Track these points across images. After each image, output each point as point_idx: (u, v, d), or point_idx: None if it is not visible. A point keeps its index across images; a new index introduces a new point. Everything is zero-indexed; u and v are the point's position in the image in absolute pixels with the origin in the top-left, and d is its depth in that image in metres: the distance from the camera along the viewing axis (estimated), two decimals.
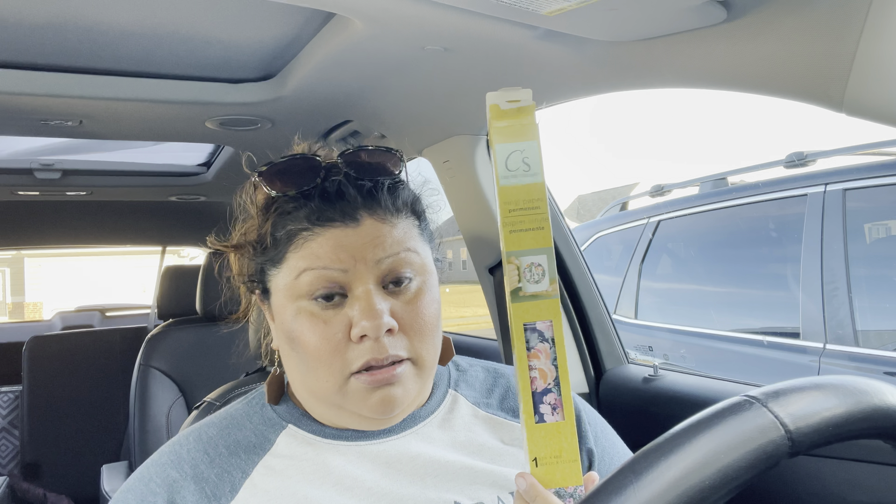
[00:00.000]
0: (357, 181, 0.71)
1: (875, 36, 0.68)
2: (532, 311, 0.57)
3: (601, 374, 1.56)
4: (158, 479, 0.69)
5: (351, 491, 0.68)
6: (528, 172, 0.57)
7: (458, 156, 1.50)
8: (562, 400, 0.56)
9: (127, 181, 2.38)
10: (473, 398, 0.81)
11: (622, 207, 4.34)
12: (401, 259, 0.70)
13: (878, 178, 2.55)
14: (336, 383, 0.68)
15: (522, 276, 0.57)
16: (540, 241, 0.57)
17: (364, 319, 0.66)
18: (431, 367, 0.72)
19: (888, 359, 2.36)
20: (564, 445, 0.56)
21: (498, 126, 0.58)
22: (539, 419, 0.56)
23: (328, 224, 0.69)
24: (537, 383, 0.56)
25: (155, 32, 1.10)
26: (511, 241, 0.57)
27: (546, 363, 0.56)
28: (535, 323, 0.57)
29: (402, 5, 0.85)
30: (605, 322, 1.58)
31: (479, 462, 0.73)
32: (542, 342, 0.56)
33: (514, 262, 0.57)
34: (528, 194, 0.57)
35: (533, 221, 0.57)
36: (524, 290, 0.57)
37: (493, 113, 0.58)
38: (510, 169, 0.57)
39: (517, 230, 0.57)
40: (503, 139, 0.57)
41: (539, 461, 0.56)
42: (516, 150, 0.57)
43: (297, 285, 0.69)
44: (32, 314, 18.76)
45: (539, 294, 0.57)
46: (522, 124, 0.58)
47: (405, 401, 0.70)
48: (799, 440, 0.41)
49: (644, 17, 0.81)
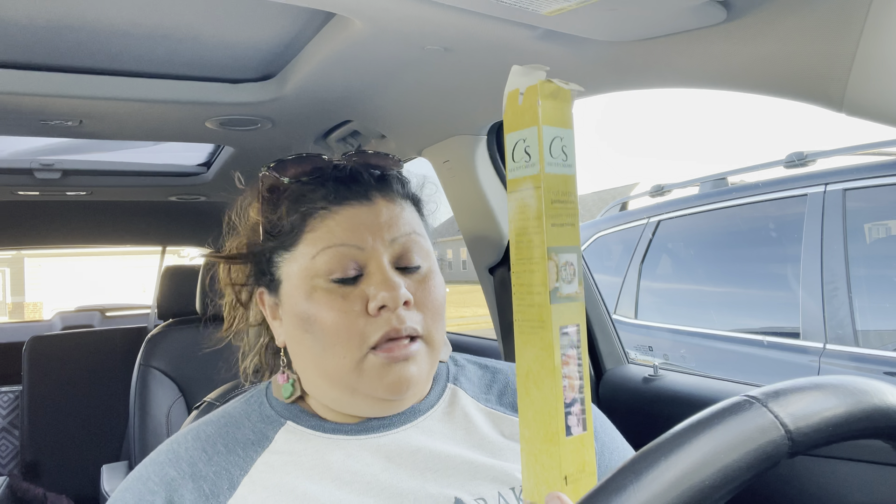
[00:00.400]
0: (368, 167, 0.75)
1: (875, 36, 0.68)
2: (566, 313, 0.51)
3: (601, 374, 1.56)
4: (156, 478, 0.69)
5: (350, 485, 0.68)
6: (565, 162, 0.52)
7: (458, 156, 1.50)
8: (584, 410, 0.52)
9: (127, 181, 2.38)
10: (473, 392, 0.81)
11: (622, 207, 4.34)
12: (412, 240, 0.73)
13: (878, 178, 2.55)
14: (353, 360, 0.69)
15: (560, 274, 0.51)
16: (574, 238, 0.52)
17: (383, 290, 0.68)
18: (438, 348, 0.74)
19: (888, 359, 2.36)
20: (587, 458, 0.52)
21: (547, 105, 0.51)
22: (568, 433, 0.51)
23: (345, 203, 0.72)
24: (567, 393, 0.51)
25: (155, 32, 1.10)
26: (552, 236, 0.51)
27: (574, 370, 0.52)
28: (567, 326, 0.52)
29: (402, 5, 0.85)
30: (605, 322, 1.58)
31: (480, 456, 0.73)
32: (572, 348, 0.52)
33: (554, 258, 0.51)
34: (565, 185, 0.52)
35: (569, 216, 0.52)
36: (561, 290, 0.51)
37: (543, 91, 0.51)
38: (553, 156, 0.51)
39: (557, 224, 0.51)
40: (550, 121, 0.51)
41: (569, 478, 0.51)
42: (558, 136, 0.52)
43: (314, 265, 0.70)
44: (32, 314, 18.76)
45: (572, 295, 0.52)
46: (566, 109, 0.52)
47: (419, 381, 0.70)
48: (799, 440, 0.41)
49: (644, 17, 0.81)
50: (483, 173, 1.51)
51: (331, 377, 0.71)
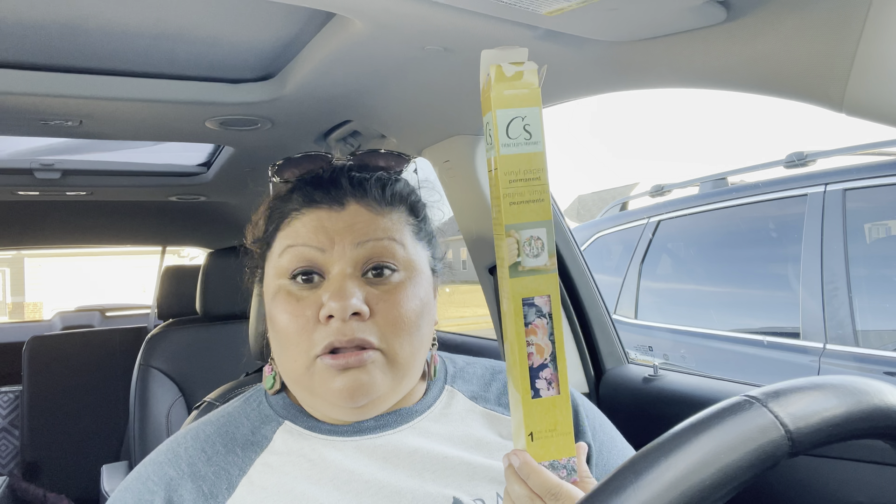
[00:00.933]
0: (349, 172, 0.74)
1: (875, 36, 0.68)
2: (531, 285, 0.55)
3: (601, 374, 1.56)
4: (156, 478, 0.69)
5: (348, 485, 0.68)
6: (529, 141, 0.54)
7: (458, 156, 1.50)
8: (558, 374, 0.55)
9: (127, 181, 2.38)
10: (470, 393, 0.81)
11: (622, 207, 4.34)
12: (382, 246, 0.70)
13: (878, 178, 2.55)
14: (303, 364, 0.68)
15: (522, 249, 0.54)
16: (540, 214, 0.55)
17: (332, 300, 0.66)
18: (406, 364, 0.71)
19: (888, 359, 2.36)
20: (559, 418, 0.56)
21: (500, 90, 0.54)
22: (535, 394, 0.55)
23: (313, 205, 0.72)
24: (534, 359, 0.55)
25: (155, 32, 1.10)
26: (511, 214, 0.54)
27: (543, 339, 0.55)
28: (533, 298, 0.55)
29: (402, 5, 0.85)
30: (605, 322, 1.58)
31: (477, 457, 0.73)
32: (539, 317, 0.55)
33: (514, 235, 0.55)
34: (528, 164, 0.54)
35: (533, 193, 0.54)
36: (523, 264, 0.55)
37: (496, 76, 0.54)
38: (511, 137, 0.54)
39: (517, 202, 0.54)
40: (504, 104, 0.54)
41: (535, 435, 0.55)
42: (517, 117, 0.54)
43: (280, 264, 0.71)
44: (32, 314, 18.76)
45: (538, 269, 0.55)
46: (526, 89, 0.54)
47: (373, 390, 0.68)
48: (799, 440, 0.41)
49: (644, 17, 0.81)
50: (483, 173, 1.51)
51: (290, 378, 0.72)
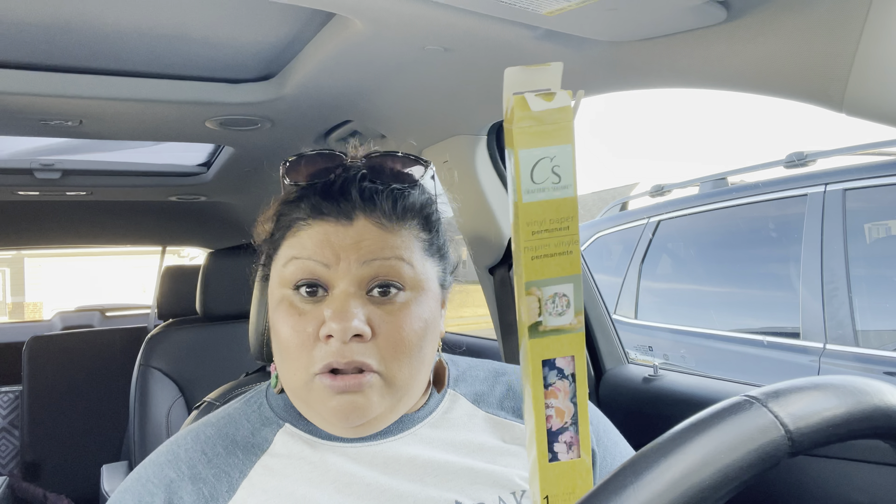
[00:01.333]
0: (361, 182, 0.71)
1: (875, 36, 0.67)
2: (553, 346, 0.49)
3: (601, 374, 1.56)
4: (156, 480, 0.69)
5: (350, 488, 0.68)
6: (558, 185, 0.46)
7: (459, 156, 1.50)
8: (578, 437, 0.50)
9: (127, 181, 2.38)
10: (473, 397, 0.80)
11: (622, 207, 4.34)
12: (389, 265, 0.68)
13: (878, 178, 2.55)
14: (302, 379, 0.68)
15: (544, 308, 0.48)
16: (567, 268, 0.47)
17: (333, 320, 0.65)
18: (404, 387, 0.69)
19: (888, 359, 2.36)
20: (579, 483, 0.51)
21: (523, 126, 0.45)
22: (553, 458, 0.50)
23: (321, 218, 0.69)
24: (553, 422, 0.50)
25: (155, 32, 1.10)
26: (532, 270, 0.47)
27: (564, 401, 0.50)
28: (554, 360, 0.49)
29: (402, 5, 0.85)
30: (605, 322, 1.58)
31: (479, 462, 0.72)
32: (561, 379, 0.49)
33: (536, 292, 0.47)
34: (556, 212, 0.46)
35: (560, 245, 0.47)
36: (546, 323, 0.48)
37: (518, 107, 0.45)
38: (536, 182, 0.46)
39: (540, 255, 0.47)
40: (528, 143, 0.45)
41: (551, 499, 0.51)
42: (545, 158, 0.45)
43: (284, 273, 0.70)
44: (32, 314, 18.75)
45: (561, 328, 0.48)
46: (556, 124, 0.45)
47: (369, 413, 0.67)
48: (799, 440, 0.41)
49: (644, 17, 0.81)
50: (483, 173, 1.51)
51: (290, 389, 0.71)
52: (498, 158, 1.53)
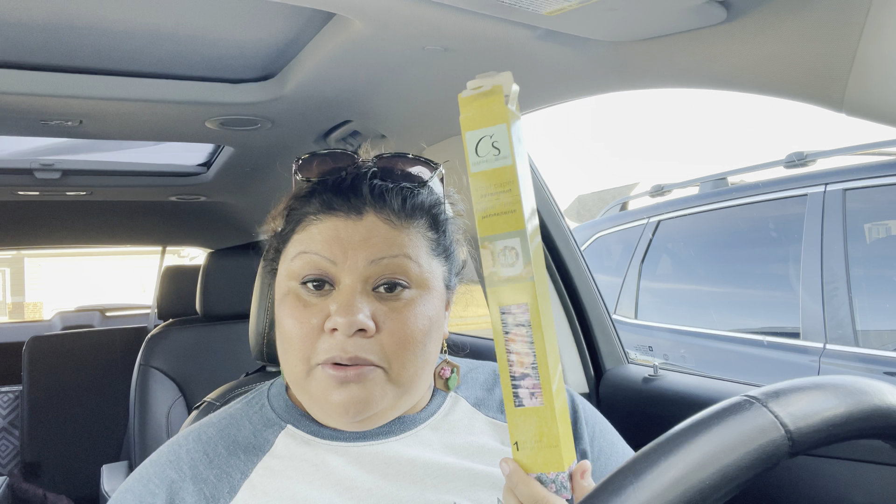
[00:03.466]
0: (372, 180, 0.72)
1: (875, 36, 0.68)
2: (507, 294, 0.56)
3: (601, 374, 1.56)
4: (157, 480, 0.69)
5: (350, 492, 0.68)
6: (498, 156, 0.57)
7: (459, 156, 1.50)
8: (540, 384, 0.56)
9: (127, 181, 2.38)
10: (474, 400, 0.81)
11: (622, 207, 4.34)
12: (396, 263, 0.69)
13: (878, 178, 2.55)
14: (303, 369, 0.68)
15: (496, 260, 0.57)
16: (512, 224, 0.56)
17: (338, 314, 0.66)
18: (408, 382, 0.70)
19: (888, 359, 2.36)
20: (544, 430, 0.56)
21: (464, 115, 0.58)
22: (518, 403, 0.56)
23: (331, 213, 0.71)
24: (515, 367, 0.56)
25: (155, 32, 1.10)
26: (484, 227, 0.57)
27: (522, 347, 0.56)
28: (510, 307, 0.56)
29: (402, 5, 0.85)
30: (605, 322, 1.58)
31: (478, 465, 0.72)
32: (517, 326, 0.56)
33: (488, 246, 0.57)
34: (498, 178, 0.57)
35: (504, 205, 0.57)
36: (498, 273, 0.57)
37: (460, 105, 0.58)
38: (480, 155, 0.57)
39: (489, 215, 0.57)
40: (470, 126, 0.57)
41: (520, 445, 0.56)
42: (485, 136, 0.57)
43: (291, 267, 0.70)
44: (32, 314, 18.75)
45: (513, 278, 0.56)
46: (490, 109, 0.57)
47: (371, 406, 0.67)
48: (799, 440, 0.41)
49: (644, 17, 0.81)
50: None
51: (291, 380, 0.71)
52: None
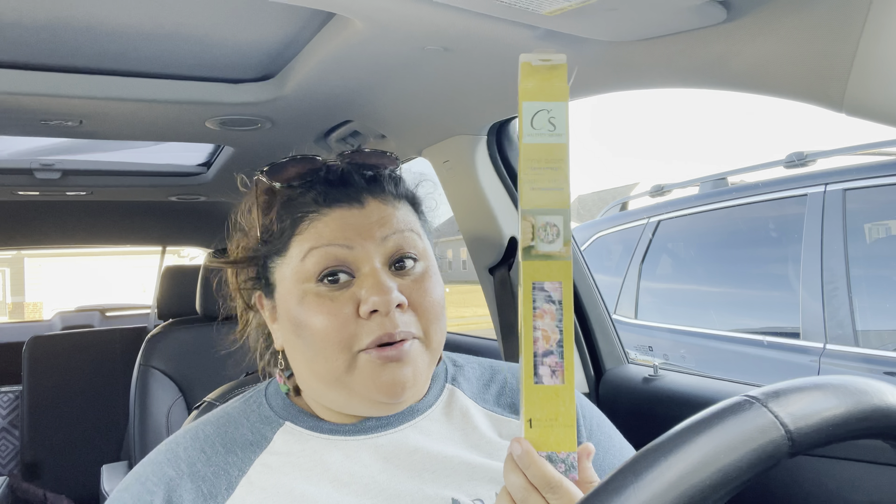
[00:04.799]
0: (360, 169, 0.74)
1: (875, 36, 0.68)
2: (542, 270, 0.56)
3: (601, 374, 1.56)
4: (155, 478, 0.69)
5: (348, 486, 0.68)
6: (553, 133, 0.56)
7: (458, 156, 1.50)
8: (563, 363, 0.56)
9: (127, 181, 2.38)
10: (471, 393, 0.81)
11: (622, 207, 4.34)
12: (405, 238, 0.72)
13: (878, 178, 2.55)
14: (345, 362, 0.68)
15: (537, 234, 0.56)
16: (558, 202, 0.56)
17: (374, 295, 0.66)
18: (438, 348, 0.73)
19: (888, 359, 2.36)
20: (561, 409, 0.56)
21: (525, 85, 0.57)
22: (538, 380, 0.56)
23: (334, 204, 0.71)
24: (539, 344, 0.56)
25: (155, 32, 1.10)
26: (529, 199, 0.56)
27: (551, 324, 0.56)
28: (543, 283, 0.56)
29: (402, 5, 0.85)
30: (605, 322, 1.58)
31: (476, 457, 0.73)
32: (548, 303, 0.56)
33: (530, 219, 0.56)
34: (550, 153, 0.56)
35: (553, 181, 0.56)
36: (537, 248, 0.56)
37: (523, 71, 0.57)
38: (535, 127, 0.56)
39: (537, 188, 0.56)
40: (530, 97, 0.56)
41: (534, 422, 0.56)
42: (543, 110, 0.56)
43: (303, 267, 0.70)
44: (32, 314, 18.76)
45: (552, 254, 0.56)
46: (552, 84, 0.57)
47: (416, 381, 0.69)
48: (799, 440, 0.41)
49: (644, 17, 0.81)
50: (483, 173, 1.51)
51: (325, 380, 0.70)
52: (498, 158, 1.53)
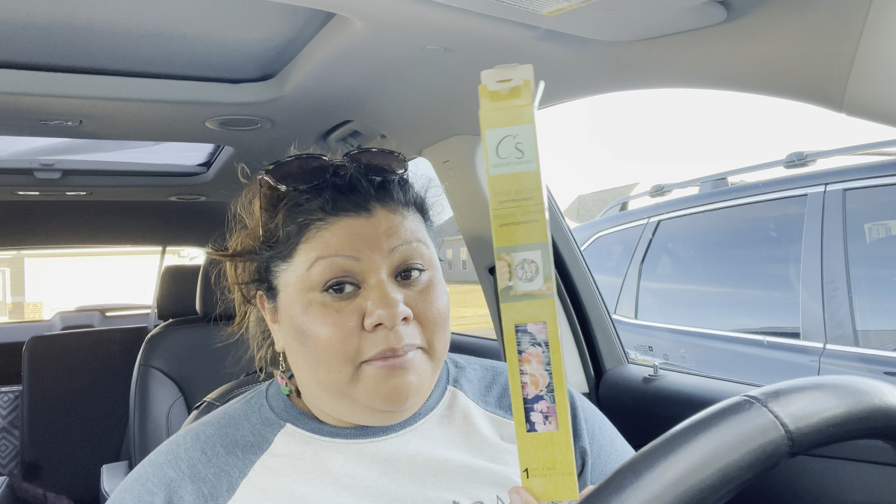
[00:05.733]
0: (368, 175, 0.73)
1: (875, 36, 0.68)
2: (524, 311, 0.52)
3: (601, 374, 1.56)
4: (156, 479, 0.69)
5: (349, 490, 0.68)
6: (521, 160, 0.51)
7: (458, 156, 1.50)
8: (556, 408, 0.52)
9: (127, 181, 2.38)
10: (472, 395, 0.81)
11: (622, 207, 4.34)
12: (413, 248, 0.71)
13: (878, 178, 2.55)
14: (348, 373, 0.67)
15: (514, 273, 0.52)
16: (534, 236, 0.51)
17: (379, 308, 0.66)
18: (441, 357, 0.72)
19: (888, 359, 2.36)
20: (558, 457, 0.52)
21: (487, 109, 0.52)
22: (530, 428, 0.52)
23: (342, 213, 0.70)
24: (528, 389, 0.52)
25: (155, 32, 1.10)
26: (501, 236, 0.52)
27: (538, 368, 0.52)
28: (526, 325, 0.52)
29: (402, 5, 0.85)
30: (605, 322, 1.58)
31: (478, 460, 0.73)
32: (533, 345, 0.52)
33: (505, 258, 0.52)
34: (520, 183, 0.51)
35: (526, 214, 0.51)
36: (515, 288, 0.52)
37: (481, 95, 0.52)
38: (501, 156, 0.51)
39: (508, 223, 0.52)
40: (493, 123, 0.51)
41: (530, 472, 0.52)
42: (508, 136, 0.51)
43: (309, 276, 0.69)
44: (32, 314, 18.75)
45: (532, 293, 0.51)
46: (514, 106, 0.51)
47: (419, 390, 0.69)
48: (799, 440, 0.41)
49: (644, 17, 0.81)
50: (483, 173, 1.51)
51: (327, 389, 0.70)
52: None
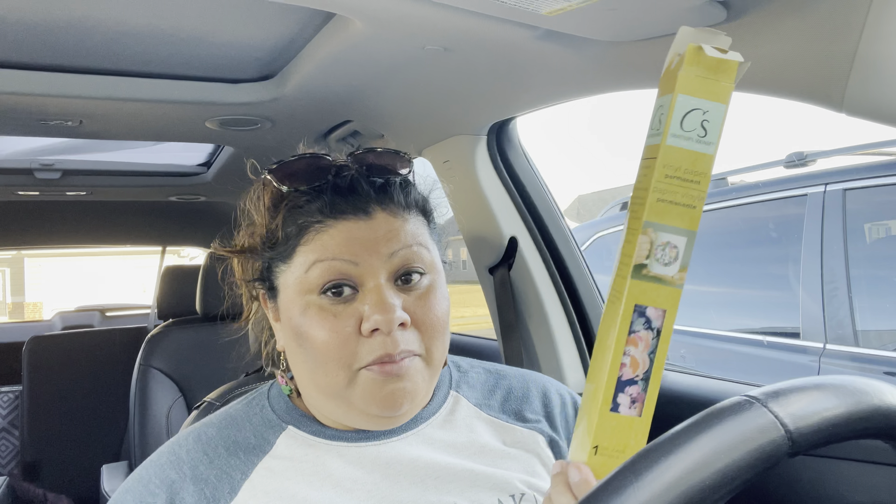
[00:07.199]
0: (369, 177, 0.72)
1: (875, 36, 0.68)
2: (649, 293, 0.49)
3: None
4: (157, 480, 0.69)
5: (350, 493, 0.68)
6: (702, 139, 0.48)
7: (458, 156, 1.50)
8: (645, 396, 0.51)
9: (127, 181, 2.38)
10: (475, 400, 0.80)
11: (622, 207, 4.33)
12: (413, 252, 0.70)
13: (878, 178, 2.55)
14: (345, 377, 0.67)
15: (653, 252, 0.49)
16: (686, 221, 0.49)
17: (376, 313, 0.65)
18: (439, 363, 0.72)
19: (888, 359, 2.36)
20: (631, 443, 0.52)
21: (689, 73, 0.47)
22: (615, 408, 0.51)
23: (340, 216, 0.69)
24: (625, 371, 0.50)
25: (155, 32, 1.10)
26: (654, 211, 0.48)
27: (642, 353, 0.50)
28: (646, 308, 0.50)
29: (402, 5, 0.85)
30: None
31: (479, 465, 0.72)
32: (646, 329, 0.50)
33: (650, 234, 0.49)
34: (693, 164, 0.48)
35: (687, 196, 0.49)
36: (650, 268, 0.49)
37: (689, 55, 0.47)
38: (684, 129, 0.48)
39: (665, 200, 0.48)
40: (689, 90, 0.47)
41: (600, 450, 0.51)
42: (697, 109, 0.47)
43: (307, 279, 0.69)
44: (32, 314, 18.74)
45: (663, 278, 0.49)
46: (718, 81, 0.47)
47: (415, 396, 0.68)
48: (799, 440, 0.41)
49: (644, 17, 0.81)
50: (483, 173, 1.51)
51: (325, 392, 0.70)
52: (498, 158, 1.53)
